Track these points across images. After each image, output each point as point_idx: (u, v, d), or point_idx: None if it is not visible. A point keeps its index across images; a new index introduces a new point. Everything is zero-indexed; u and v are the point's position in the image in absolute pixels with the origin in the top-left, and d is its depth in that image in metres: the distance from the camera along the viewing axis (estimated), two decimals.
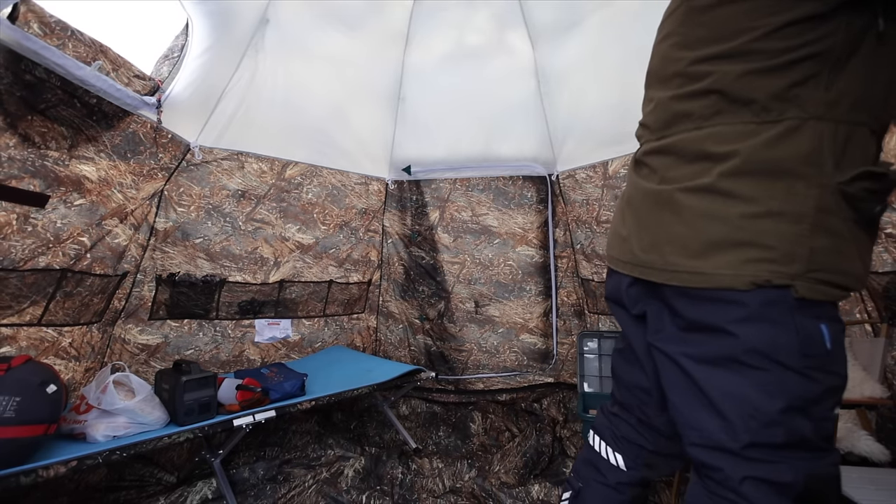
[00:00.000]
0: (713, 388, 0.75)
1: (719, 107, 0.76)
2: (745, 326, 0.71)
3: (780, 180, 0.70)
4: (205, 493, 2.00)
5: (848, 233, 0.70)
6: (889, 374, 1.83)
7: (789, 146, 0.70)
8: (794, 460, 0.70)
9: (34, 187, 1.70)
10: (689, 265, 0.75)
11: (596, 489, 1.03)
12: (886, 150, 1.70)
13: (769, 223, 0.70)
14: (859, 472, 1.39)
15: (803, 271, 0.68)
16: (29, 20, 1.47)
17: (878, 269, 1.87)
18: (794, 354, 0.69)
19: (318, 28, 2.52)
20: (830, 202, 0.69)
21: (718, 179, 0.73)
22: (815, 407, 0.71)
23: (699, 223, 0.74)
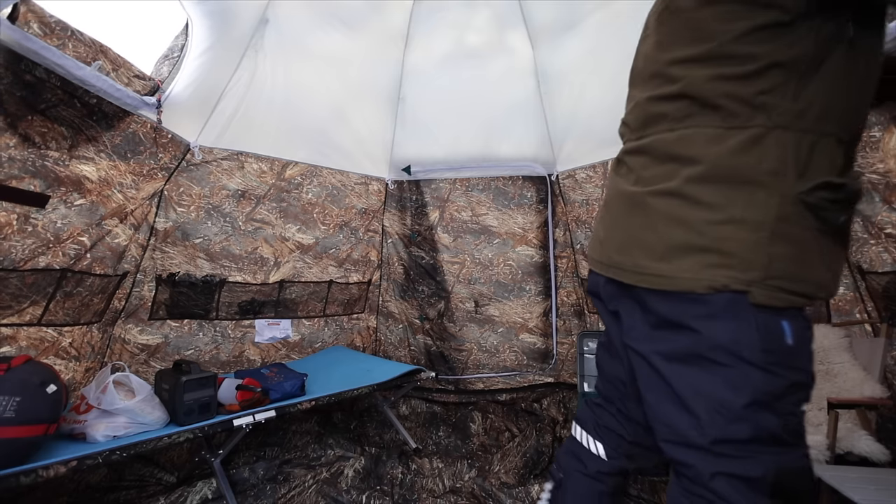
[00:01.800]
0: (681, 385, 0.77)
1: (690, 110, 0.77)
2: (708, 323, 0.73)
3: (743, 188, 0.71)
4: (205, 493, 2.00)
5: (811, 241, 0.71)
6: (889, 374, 1.83)
7: (753, 155, 0.71)
8: (762, 455, 0.71)
9: (34, 187, 1.70)
10: (654, 268, 0.78)
11: (577, 478, 1.04)
12: (886, 151, 1.70)
13: (730, 230, 0.71)
14: (859, 472, 1.39)
15: (760, 278, 0.70)
16: (29, 20, 1.47)
17: (878, 269, 1.87)
18: (756, 350, 0.71)
19: (318, 28, 2.51)
20: (791, 211, 0.70)
21: (684, 184, 0.75)
22: (779, 402, 0.72)
23: (664, 227, 0.77)
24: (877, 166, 1.75)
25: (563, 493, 1.06)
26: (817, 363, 1.94)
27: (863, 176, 1.82)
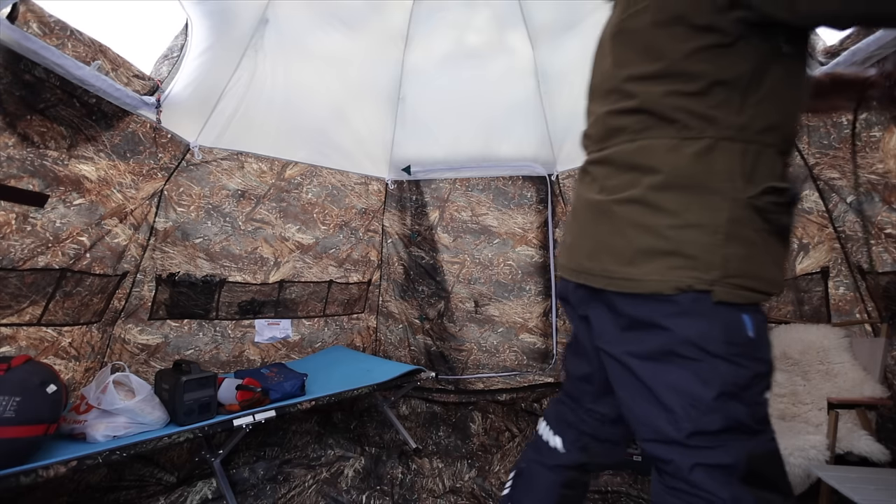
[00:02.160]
0: (656, 383, 0.81)
1: (648, 123, 0.82)
2: (676, 320, 0.78)
3: (699, 194, 0.77)
4: (205, 493, 2.00)
5: (761, 242, 0.77)
6: (889, 374, 1.83)
7: (706, 163, 0.77)
8: (734, 443, 0.76)
9: (33, 187, 1.70)
10: (623, 272, 0.82)
11: (535, 469, 1.10)
12: (886, 151, 1.70)
13: (690, 234, 0.77)
14: (859, 472, 1.39)
15: (720, 277, 0.75)
16: (28, 20, 1.47)
17: (879, 269, 1.87)
18: (721, 343, 0.76)
19: (317, 28, 2.51)
20: (742, 214, 0.76)
21: (647, 192, 0.80)
22: (746, 392, 0.76)
23: (630, 232, 0.82)
24: (876, 166, 1.75)
25: (522, 481, 1.12)
26: (817, 363, 1.94)
27: (864, 176, 1.82)
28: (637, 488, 2.10)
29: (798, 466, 1.45)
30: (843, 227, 1.99)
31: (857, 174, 1.81)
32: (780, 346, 2.09)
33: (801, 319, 2.17)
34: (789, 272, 0.85)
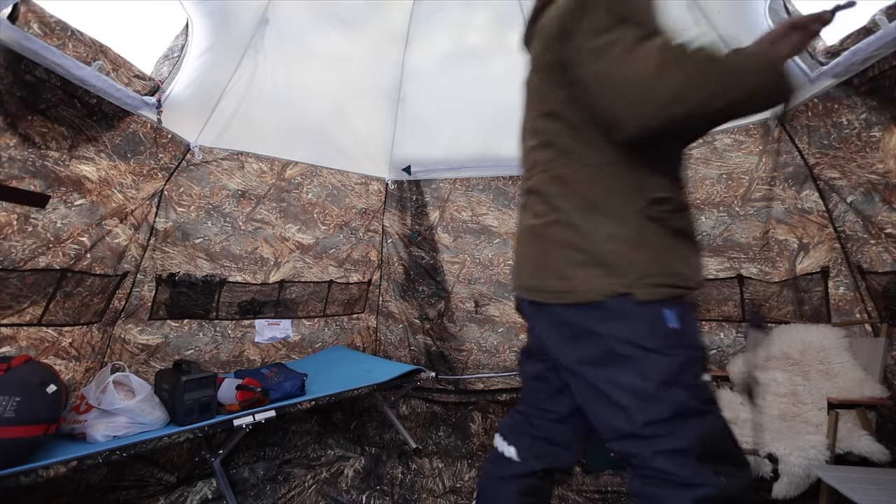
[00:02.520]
0: (605, 385, 0.88)
1: (553, 155, 0.95)
2: (609, 324, 0.87)
3: (604, 211, 0.89)
4: (205, 493, 2.00)
5: (663, 245, 0.88)
6: (889, 374, 1.83)
7: (601, 184, 0.90)
8: (684, 427, 0.82)
9: (34, 187, 1.70)
10: (559, 285, 0.92)
11: (492, 482, 1.15)
12: (886, 151, 1.70)
13: (604, 246, 0.88)
14: (859, 472, 1.39)
15: (636, 279, 0.85)
16: (29, 20, 1.47)
17: (879, 269, 1.87)
18: (649, 338, 0.84)
19: (318, 28, 2.52)
20: (641, 224, 0.87)
21: (564, 214, 0.92)
22: (682, 377, 0.84)
23: (558, 251, 0.92)
24: (876, 166, 1.75)
25: (484, 497, 1.15)
26: (817, 363, 1.94)
27: (864, 176, 1.82)
28: None
29: (798, 466, 1.45)
30: (843, 227, 1.99)
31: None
32: (780, 346, 2.09)
33: (801, 319, 2.17)
34: (702, 271, 0.96)
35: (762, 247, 2.30)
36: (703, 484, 0.79)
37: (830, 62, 1.71)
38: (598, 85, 0.83)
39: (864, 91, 1.70)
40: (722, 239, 2.44)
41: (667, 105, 0.77)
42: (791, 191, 2.16)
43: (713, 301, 2.53)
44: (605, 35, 0.82)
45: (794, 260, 2.21)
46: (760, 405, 1.66)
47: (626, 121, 0.82)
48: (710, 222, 2.47)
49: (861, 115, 1.75)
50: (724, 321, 2.50)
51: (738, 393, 2.13)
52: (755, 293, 2.36)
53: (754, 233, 2.32)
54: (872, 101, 1.69)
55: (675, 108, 0.77)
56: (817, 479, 1.42)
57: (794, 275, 2.21)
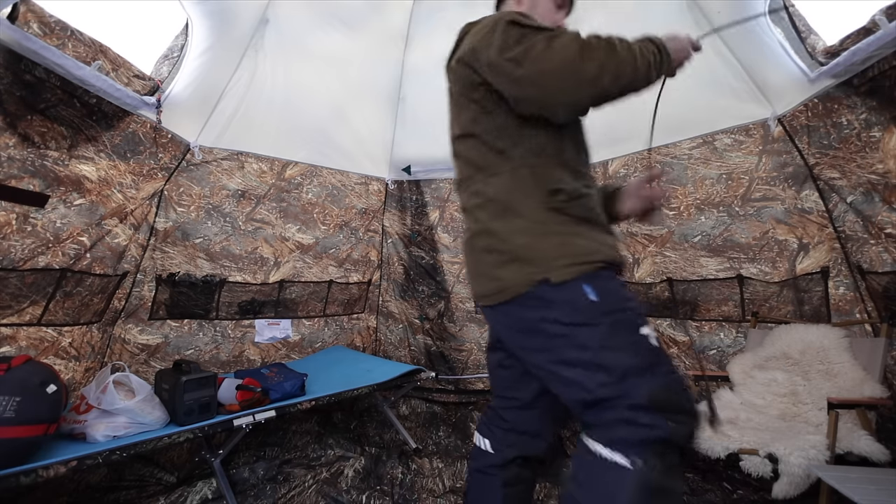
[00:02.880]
0: (556, 366, 0.96)
1: (471, 172, 1.08)
2: (539, 311, 0.96)
3: (514, 212, 1.00)
4: (205, 493, 2.00)
5: (567, 230, 0.99)
6: (889, 374, 1.83)
7: (510, 189, 1.01)
8: (634, 384, 0.88)
9: (34, 187, 1.70)
10: (494, 287, 1.02)
11: (474, 477, 1.22)
12: (886, 151, 1.70)
13: (518, 242, 0.99)
14: (859, 472, 1.39)
15: (548, 266, 0.95)
16: (29, 20, 1.47)
17: (878, 269, 1.87)
18: (574, 313, 0.92)
19: (318, 28, 2.51)
20: (545, 217, 0.99)
21: (484, 224, 1.04)
22: (616, 340, 0.91)
23: (487, 257, 1.03)
24: (876, 167, 1.75)
25: (470, 494, 1.22)
26: (817, 363, 1.94)
27: (864, 176, 1.82)
28: None
29: (798, 466, 1.45)
30: (843, 227, 1.99)
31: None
32: (780, 346, 2.09)
33: (801, 319, 2.17)
34: (613, 246, 1.06)
35: (762, 247, 2.31)
36: (654, 425, 0.85)
37: (830, 62, 1.71)
38: (524, 87, 0.95)
39: (863, 91, 1.70)
40: (722, 239, 2.44)
41: (595, 80, 0.92)
42: (791, 191, 2.16)
43: (713, 301, 2.53)
44: (518, 45, 0.94)
45: (794, 260, 2.21)
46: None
47: (560, 107, 0.98)
48: (710, 222, 2.47)
49: (861, 116, 1.75)
50: (725, 321, 2.50)
51: (735, 393, 2.13)
52: (755, 293, 2.36)
53: (754, 233, 2.32)
54: (872, 102, 1.69)
55: (603, 81, 0.93)
56: (817, 479, 1.42)
57: (794, 275, 2.21)
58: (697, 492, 2.06)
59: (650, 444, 0.85)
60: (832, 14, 1.84)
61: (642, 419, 0.86)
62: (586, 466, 0.92)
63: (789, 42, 1.86)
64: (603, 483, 0.87)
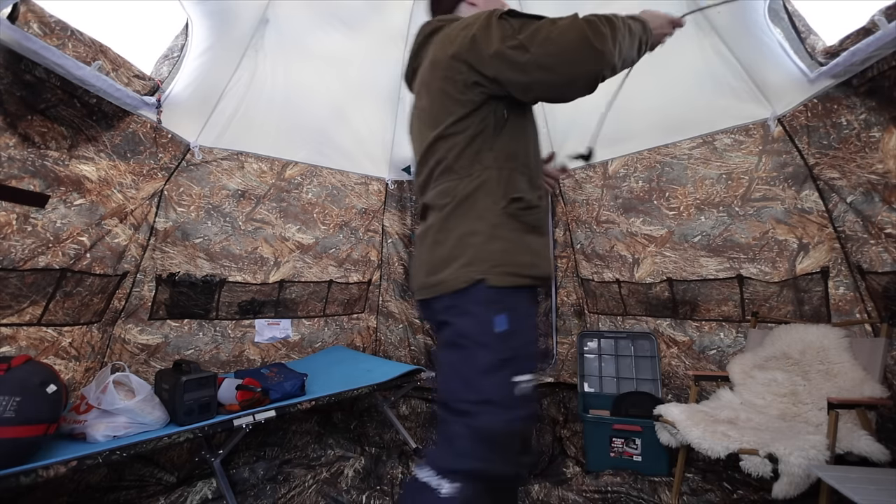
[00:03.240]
0: (446, 365, 1.07)
1: (441, 171, 1.12)
2: (457, 318, 1.04)
3: (472, 212, 1.05)
4: (205, 493, 2.00)
5: (516, 238, 1.05)
6: (889, 374, 1.83)
7: (476, 190, 1.06)
8: (487, 412, 0.97)
9: (34, 187, 1.70)
10: (431, 281, 1.09)
11: None
12: (886, 151, 1.70)
13: (467, 241, 1.04)
14: (859, 472, 1.39)
15: (489, 268, 1.01)
16: (29, 20, 1.47)
17: (878, 269, 1.87)
18: (479, 333, 1.01)
19: (318, 28, 2.51)
20: (500, 221, 1.04)
21: (442, 220, 1.09)
22: (497, 373, 0.99)
23: (439, 251, 1.09)
24: (876, 167, 1.75)
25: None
26: (817, 363, 1.94)
27: (864, 176, 1.82)
28: (637, 488, 2.10)
29: (798, 466, 1.45)
30: (843, 227, 1.99)
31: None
32: (780, 345, 2.09)
33: (801, 319, 2.17)
34: (549, 264, 1.15)
35: (762, 247, 2.31)
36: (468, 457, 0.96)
37: (830, 63, 1.71)
38: (531, 72, 0.99)
39: (863, 91, 1.70)
40: (722, 239, 2.44)
41: (607, 53, 0.97)
42: (791, 191, 2.16)
43: (713, 301, 2.53)
44: (521, 33, 0.98)
45: (794, 260, 2.21)
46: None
47: (577, 83, 1.02)
48: (710, 222, 2.47)
49: (860, 116, 1.75)
50: (724, 321, 2.50)
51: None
52: (755, 293, 2.36)
53: (754, 233, 2.32)
54: (872, 102, 1.69)
55: (614, 55, 0.98)
56: (817, 479, 1.42)
57: (793, 275, 2.21)
58: (697, 492, 2.06)
59: (460, 475, 0.95)
60: (832, 14, 1.84)
61: (464, 447, 0.97)
62: (407, 487, 1.03)
63: (789, 42, 1.86)
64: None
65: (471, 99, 1.06)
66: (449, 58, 1.07)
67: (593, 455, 2.37)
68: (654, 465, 2.25)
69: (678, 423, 1.85)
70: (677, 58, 2.28)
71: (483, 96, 1.06)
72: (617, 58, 1.00)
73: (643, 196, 2.74)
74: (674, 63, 2.31)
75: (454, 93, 1.07)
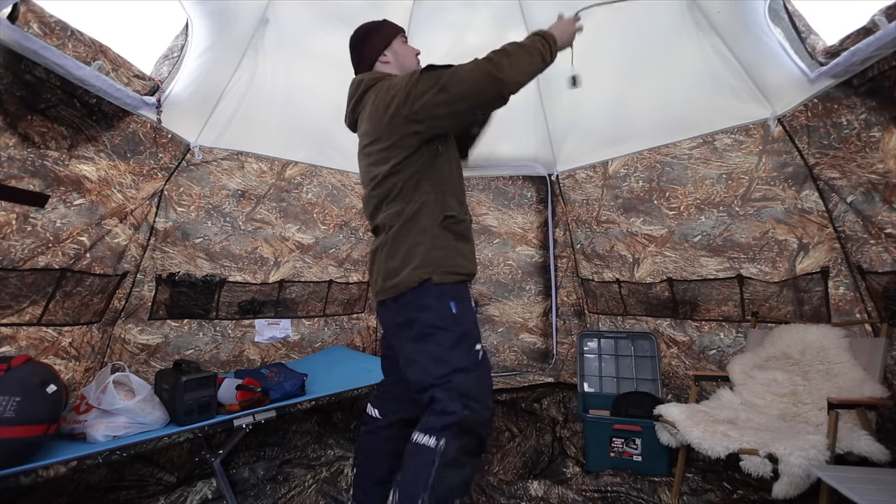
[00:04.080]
0: (418, 353, 1.34)
1: (392, 198, 1.41)
2: (420, 313, 1.34)
3: (416, 228, 1.37)
4: (205, 493, 2.00)
5: (450, 246, 1.39)
6: (889, 374, 1.83)
7: (419, 210, 1.37)
8: (458, 377, 1.29)
9: (34, 187, 1.70)
10: (393, 282, 1.38)
11: (366, 436, 1.61)
12: (886, 151, 1.70)
13: (414, 250, 1.35)
14: (859, 472, 1.39)
15: (433, 270, 1.34)
16: (29, 20, 1.47)
17: (878, 269, 1.87)
18: (440, 320, 1.33)
19: (317, 28, 2.51)
20: (438, 232, 1.37)
21: (392, 236, 1.40)
22: (460, 345, 1.33)
23: (393, 261, 1.38)
24: (876, 166, 1.75)
25: (360, 452, 1.62)
26: (817, 363, 1.95)
27: (864, 176, 1.82)
28: (637, 488, 2.10)
29: (798, 466, 1.45)
30: (843, 227, 1.99)
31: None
32: (780, 346, 2.09)
33: (801, 319, 2.17)
34: (475, 263, 1.52)
35: (762, 247, 2.31)
36: (453, 412, 1.24)
37: (830, 62, 1.71)
38: (455, 104, 1.31)
39: (863, 91, 1.70)
40: (722, 239, 2.44)
41: (507, 76, 1.28)
42: (791, 191, 2.16)
43: (713, 301, 2.53)
44: (439, 80, 1.30)
45: (794, 260, 2.21)
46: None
47: (489, 103, 1.36)
48: (710, 222, 2.47)
49: (861, 116, 1.75)
50: (724, 321, 2.50)
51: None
52: (755, 293, 2.36)
53: (754, 233, 2.32)
54: (872, 102, 1.69)
55: (513, 75, 1.30)
56: (817, 479, 1.42)
57: (793, 275, 2.21)
58: (697, 492, 2.06)
59: (448, 428, 1.23)
60: (832, 14, 1.84)
61: (449, 406, 1.25)
62: (407, 452, 1.28)
63: (789, 42, 1.86)
64: (414, 462, 1.24)
65: (411, 144, 1.37)
66: (390, 115, 1.35)
67: (593, 455, 2.37)
68: (654, 465, 2.25)
69: (678, 423, 1.85)
70: (677, 58, 2.28)
71: (420, 141, 1.37)
72: (516, 78, 1.31)
73: (643, 196, 2.74)
74: (674, 63, 2.31)
75: (398, 140, 1.37)
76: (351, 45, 1.69)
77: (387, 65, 1.60)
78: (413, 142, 1.36)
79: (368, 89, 1.47)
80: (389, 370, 1.66)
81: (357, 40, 1.68)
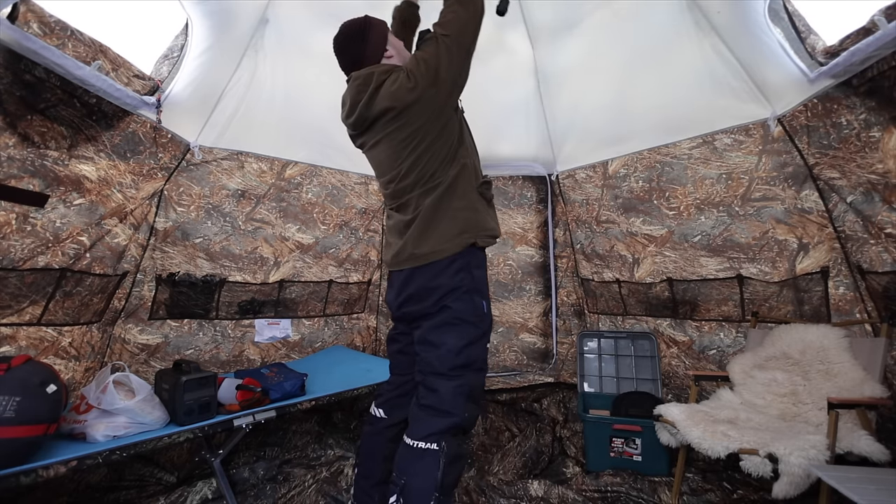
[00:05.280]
0: (438, 339, 1.39)
1: (429, 175, 1.45)
2: (455, 302, 1.39)
3: (460, 194, 1.45)
4: (205, 493, 2.00)
5: (483, 209, 1.50)
6: (889, 374, 1.83)
7: (457, 177, 1.45)
8: (468, 373, 1.38)
9: (34, 187, 1.70)
10: (423, 250, 1.42)
11: (367, 437, 1.63)
12: (886, 151, 1.70)
13: (463, 216, 1.43)
14: (859, 472, 1.39)
15: (475, 234, 1.44)
16: (29, 20, 1.47)
17: (878, 269, 1.87)
18: (471, 315, 1.40)
19: (317, 28, 2.51)
20: (476, 198, 1.48)
21: (436, 205, 1.44)
22: (478, 343, 1.41)
23: (428, 226, 1.44)
24: (876, 166, 1.75)
25: (362, 451, 1.63)
26: (817, 363, 1.95)
27: (864, 176, 1.82)
28: (637, 488, 2.10)
29: (798, 466, 1.45)
30: (843, 227, 1.99)
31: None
32: (780, 346, 2.09)
33: (801, 319, 2.17)
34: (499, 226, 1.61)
35: (762, 247, 2.31)
36: (455, 414, 1.32)
37: (829, 62, 1.71)
38: (471, 44, 1.52)
39: (863, 91, 1.70)
40: (722, 239, 2.44)
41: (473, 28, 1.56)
42: (791, 191, 2.16)
43: (713, 301, 2.53)
44: (448, 46, 1.44)
45: (794, 260, 2.21)
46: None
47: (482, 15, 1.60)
48: (710, 222, 2.47)
49: (860, 116, 1.75)
50: (724, 321, 2.50)
51: None
52: (755, 293, 2.36)
53: (754, 233, 2.32)
54: (871, 102, 1.69)
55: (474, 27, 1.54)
56: (817, 479, 1.42)
57: (793, 275, 2.21)
58: (697, 492, 2.06)
59: (449, 430, 1.32)
60: (832, 14, 1.84)
61: (450, 406, 1.33)
62: (409, 458, 1.32)
63: (789, 42, 1.86)
64: (423, 465, 1.28)
65: (448, 115, 1.46)
66: (428, 95, 1.41)
67: (593, 455, 2.37)
68: (654, 465, 2.25)
69: (678, 423, 1.85)
70: (677, 58, 2.28)
71: (452, 110, 1.46)
72: (473, 30, 1.54)
73: (643, 196, 2.74)
74: (674, 63, 2.31)
75: (432, 120, 1.43)
76: (348, 45, 1.67)
77: (391, 59, 1.62)
78: (449, 112, 1.45)
79: (383, 82, 1.46)
80: (402, 365, 1.63)
81: (356, 39, 1.66)
